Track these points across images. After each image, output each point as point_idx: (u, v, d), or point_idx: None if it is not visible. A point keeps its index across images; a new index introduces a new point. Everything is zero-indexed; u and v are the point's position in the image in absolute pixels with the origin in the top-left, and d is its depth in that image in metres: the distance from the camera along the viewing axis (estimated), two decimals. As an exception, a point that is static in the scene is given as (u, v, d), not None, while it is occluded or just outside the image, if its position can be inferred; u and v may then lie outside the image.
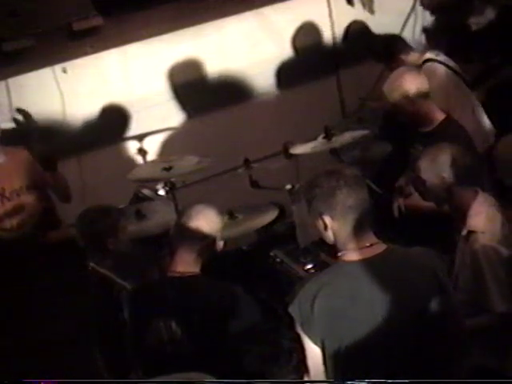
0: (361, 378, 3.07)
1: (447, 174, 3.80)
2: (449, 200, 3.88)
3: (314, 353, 3.18)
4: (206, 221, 3.80)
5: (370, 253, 3.17)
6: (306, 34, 6.45)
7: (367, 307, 3.13)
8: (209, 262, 3.80)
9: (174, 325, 3.61)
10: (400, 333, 3.13)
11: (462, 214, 3.82)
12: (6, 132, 5.52)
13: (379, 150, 5.51)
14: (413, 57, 5.56)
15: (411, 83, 4.69)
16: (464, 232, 3.78)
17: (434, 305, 3.16)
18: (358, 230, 3.16)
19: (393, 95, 4.72)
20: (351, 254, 3.18)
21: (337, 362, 3.16)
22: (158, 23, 5.87)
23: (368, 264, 3.15)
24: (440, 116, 4.74)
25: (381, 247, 3.19)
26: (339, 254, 3.22)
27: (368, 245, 3.17)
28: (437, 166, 3.83)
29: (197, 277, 3.73)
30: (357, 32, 6.65)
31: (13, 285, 4.45)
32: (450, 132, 4.67)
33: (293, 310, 3.20)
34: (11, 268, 4.57)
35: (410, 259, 3.23)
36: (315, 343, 3.16)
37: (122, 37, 5.82)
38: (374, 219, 3.24)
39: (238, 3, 6.12)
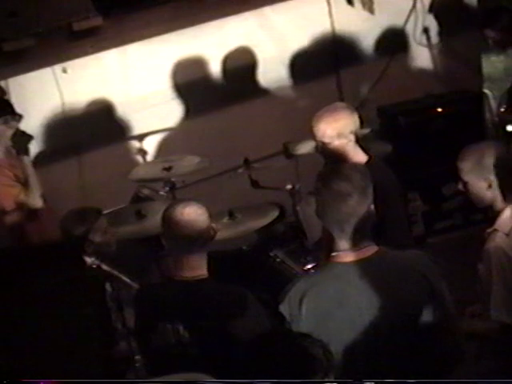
0: (347, 377, 3.08)
1: (493, 176, 3.57)
2: (490, 200, 3.64)
3: None
4: (193, 219, 3.69)
5: (360, 255, 3.17)
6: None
7: (354, 309, 3.13)
8: (209, 262, 3.78)
9: (181, 328, 3.59)
10: (387, 336, 3.13)
11: (496, 214, 3.62)
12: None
13: (379, 149, 5.51)
14: None
15: (346, 122, 4.25)
16: (490, 229, 3.61)
17: (423, 309, 3.14)
18: (353, 232, 3.16)
19: (325, 134, 4.25)
20: (342, 256, 3.18)
21: None
22: (158, 23, 5.87)
23: (357, 266, 3.15)
24: (362, 158, 4.29)
25: (372, 249, 3.19)
26: (332, 254, 3.22)
27: (360, 247, 3.17)
28: (482, 168, 3.58)
29: (205, 280, 3.68)
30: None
31: (12, 285, 4.45)
32: (373, 175, 4.34)
33: (283, 308, 3.21)
34: (10, 268, 4.57)
35: (400, 262, 3.22)
36: None
37: (121, 37, 5.82)
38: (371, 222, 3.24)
39: (238, 3, 6.12)
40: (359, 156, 4.29)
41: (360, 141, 4.39)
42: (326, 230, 3.29)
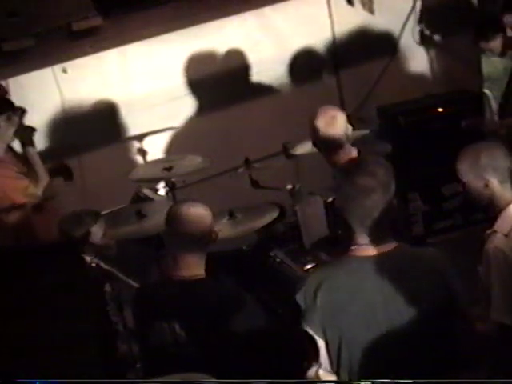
0: (360, 373, 3.10)
1: (490, 175, 3.59)
2: (488, 200, 3.65)
3: (317, 343, 3.21)
4: (197, 219, 3.74)
5: (379, 250, 3.18)
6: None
7: (367, 304, 3.14)
8: (209, 262, 3.79)
9: (177, 327, 3.60)
10: (400, 332, 3.13)
11: (495, 215, 3.63)
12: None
13: (379, 149, 5.51)
14: None
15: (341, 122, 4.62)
16: (489, 231, 3.62)
17: (437, 307, 3.15)
18: (374, 227, 3.17)
19: (331, 130, 4.58)
20: (361, 250, 3.20)
21: (338, 354, 3.18)
22: (158, 23, 5.87)
23: (375, 261, 3.17)
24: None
25: (391, 245, 3.20)
26: (351, 247, 3.23)
27: (379, 242, 3.18)
28: (478, 168, 3.61)
29: (202, 280, 3.70)
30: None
31: (11, 285, 4.45)
32: None
33: (299, 298, 3.24)
34: (9, 267, 4.58)
35: (417, 260, 3.23)
36: (316, 333, 3.18)
37: (121, 37, 5.82)
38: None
39: (238, 3, 6.12)
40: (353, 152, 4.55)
41: (359, 141, 4.53)
42: (345, 223, 3.27)
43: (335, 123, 4.57)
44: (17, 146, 5.18)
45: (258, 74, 6.43)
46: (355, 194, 3.15)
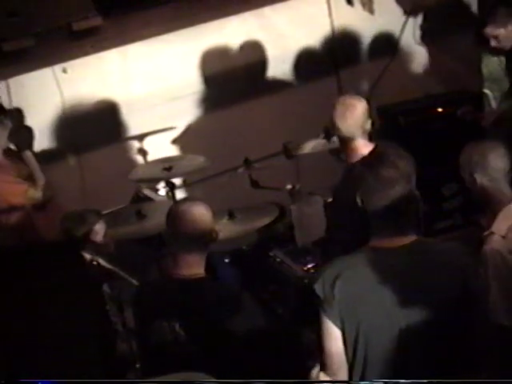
0: (375, 366, 3.09)
1: (477, 173, 3.66)
2: (483, 199, 3.73)
3: (334, 333, 3.20)
4: (198, 218, 3.73)
5: (398, 242, 3.19)
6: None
7: (385, 296, 3.14)
8: (209, 262, 3.79)
9: (177, 326, 3.60)
10: (415, 326, 3.13)
11: (492, 215, 3.67)
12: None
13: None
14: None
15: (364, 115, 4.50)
16: (486, 232, 3.64)
17: (455, 302, 3.14)
18: (395, 219, 3.18)
19: (342, 121, 4.46)
20: (380, 242, 3.21)
21: (355, 345, 3.18)
22: (158, 23, 5.87)
23: (392, 253, 3.17)
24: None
25: (411, 238, 3.20)
26: (371, 239, 3.24)
27: (399, 234, 3.19)
28: (470, 165, 3.70)
29: (202, 279, 3.70)
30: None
31: (11, 284, 4.45)
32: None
33: (318, 288, 3.22)
34: (9, 267, 4.57)
35: (436, 254, 3.23)
36: (335, 323, 3.18)
37: (122, 37, 5.82)
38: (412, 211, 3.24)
39: (238, 3, 6.12)
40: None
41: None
42: (365, 216, 3.27)
43: (348, 114, 4.44)
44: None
45: (257, 74, 6.43)
46: (379, 187, 3.17)
